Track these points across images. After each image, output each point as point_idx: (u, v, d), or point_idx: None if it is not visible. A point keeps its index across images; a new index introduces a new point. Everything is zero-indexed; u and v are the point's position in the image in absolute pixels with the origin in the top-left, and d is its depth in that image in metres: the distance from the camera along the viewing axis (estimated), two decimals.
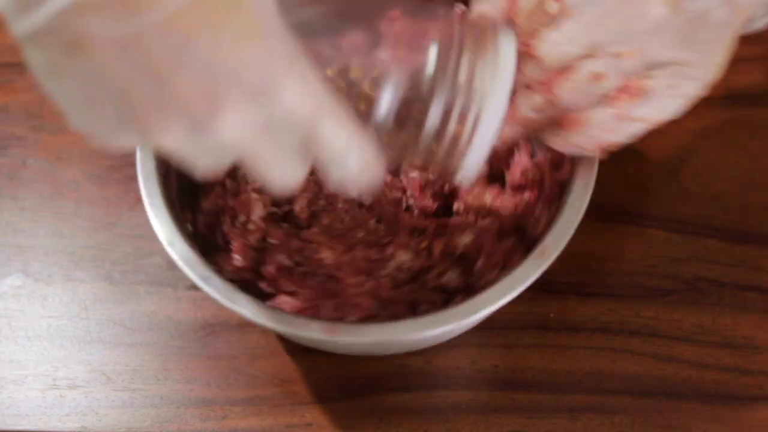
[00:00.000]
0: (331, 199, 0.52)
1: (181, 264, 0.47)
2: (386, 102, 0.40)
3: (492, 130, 0.41)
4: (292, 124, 0.36)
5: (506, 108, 0.41)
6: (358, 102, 0.40)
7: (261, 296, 0.51)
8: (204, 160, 0.37)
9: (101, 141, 0.36)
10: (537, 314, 0.56)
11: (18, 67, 0.65)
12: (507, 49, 0.42)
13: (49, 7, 0.33)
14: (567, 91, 0.46)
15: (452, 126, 0.41)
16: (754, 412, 0.54)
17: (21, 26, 0.33)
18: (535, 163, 0.52)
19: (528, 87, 0.47)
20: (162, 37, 0.33)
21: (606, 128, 0.46)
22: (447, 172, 0.43)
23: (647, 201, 0.61)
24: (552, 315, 0.57)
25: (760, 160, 0.62)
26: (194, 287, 0.57)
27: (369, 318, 0.49)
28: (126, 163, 0.63)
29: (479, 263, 0.50)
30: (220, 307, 0.57)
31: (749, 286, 0.58)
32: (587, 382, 0.55)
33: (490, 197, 0.53)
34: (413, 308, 0.51)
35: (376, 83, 0.40)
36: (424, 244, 0.52)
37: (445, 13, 0.42)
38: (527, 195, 0.52)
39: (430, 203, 0.54)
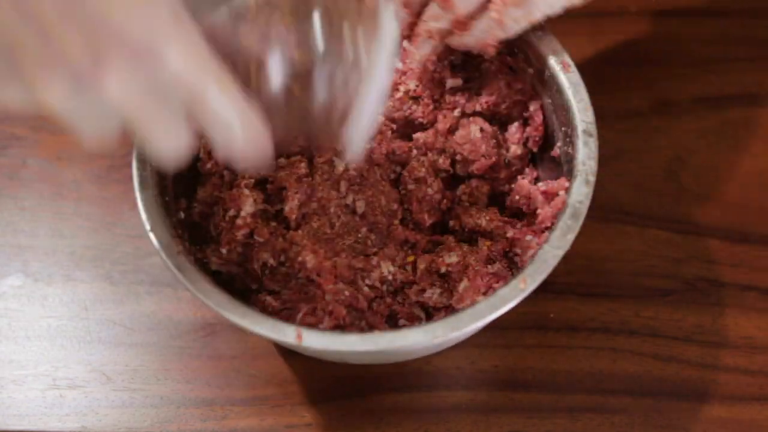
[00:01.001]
0: (324, 202, 0.52)
1: (159, 250, 0.47)
2: (274, 72, 0.40)
3: (378, 99, 0.42)
4: (176, 88, 0.36)
5: (389, 82, 0.42)
6: (247, 71, 0.40)
7: (247, 292, 0.51)
8: (89, 124, 0.37)
9: None
10: (537, 314, 0.56)
11: None
12: (390, 24, 0.42)
13: None
14: None
15: (337, 99, 0.41)
16: (754, 412, 0.54)
17: None
18: (532, 193, 0.52)
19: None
20: None
21: (492, 30, 0.51)
22: (330, 143, 0.44)
23: (647, 201, 0.61)
24: (552, 315, 0.57)
25: (760, 160, 0.62)
26: None
27: (342, 327, 0.49)
28: (126, 163, 0.62)
29: (462, 285, 0.50)
30: None
31: (749, 286, 0.58)
32: (587, 382, 0.55)
33: (485, 220, 0.53)
34: (394, 322, 0.51)
35: (265, 54, 0.40)
36: (410, 258, 0.52)
37: None
38: (520, 224, 0.52)
39: (425, 218, 0.54)
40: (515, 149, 0.54)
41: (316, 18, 0.41)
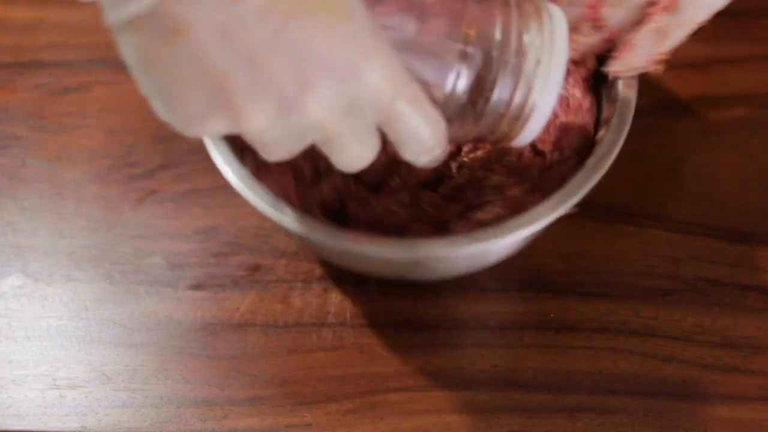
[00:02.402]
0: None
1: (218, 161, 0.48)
2: (462, 79, 0.43)
3: (555, 93, 0.44)
4: (373, 104, 0.38)
5: (565, 72, 0.44)
6: (428, 79, 0.42)
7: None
8: (282, 145, 0.39)
9: (186, 128, 0.38)
10: (537, 314, 0.56)
11: (18, 67, 0.65)
12: (559, 17, 0.44)
13: None
14: (610, 11, 0.49)
15: (519, 95, 0.43)
16: (753, 412, 0.54)
17: (122, 12, 0.35)
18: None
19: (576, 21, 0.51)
20: (260, 21, 0.35)
21: (654, 43, 0.50)
22: (506, 139, 0.46)
23: (647, 201, 0.61)
24: (552, 315, 0.57)
25: (760, 160, 0.62)
26: (194, 287, 0.58)
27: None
28: (126, 163, 0.63)
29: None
30: (220, 307, 0.57)
31: (749, 286, 0.58)
32: (587, 382, 0.55)
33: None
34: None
35: (445, 60, 0.42)
36: None
37: None
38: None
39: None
40: None
41: (498, 31, 0.43)
